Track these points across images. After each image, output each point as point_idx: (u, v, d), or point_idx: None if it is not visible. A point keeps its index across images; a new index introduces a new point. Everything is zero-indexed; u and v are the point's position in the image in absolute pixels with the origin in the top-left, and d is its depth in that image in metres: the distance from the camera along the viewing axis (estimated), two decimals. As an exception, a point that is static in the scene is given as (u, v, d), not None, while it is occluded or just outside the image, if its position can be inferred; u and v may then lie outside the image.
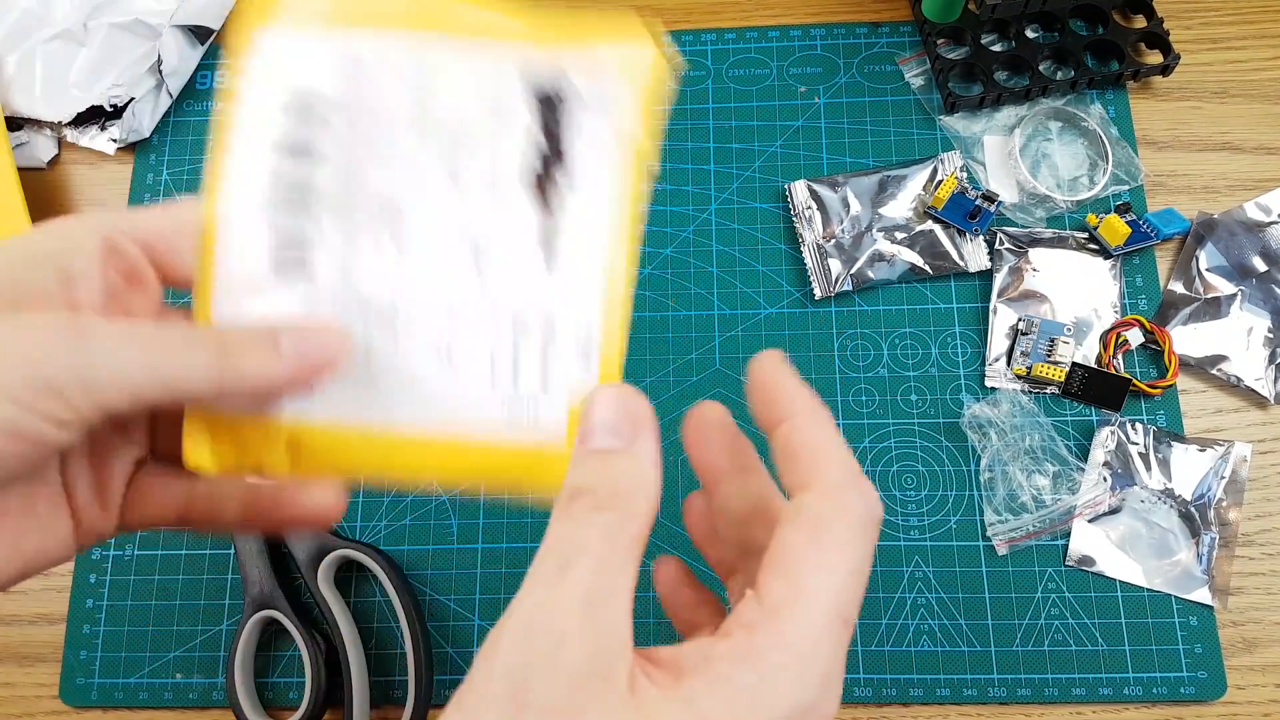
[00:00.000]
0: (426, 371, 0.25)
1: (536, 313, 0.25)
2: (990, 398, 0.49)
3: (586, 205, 0.25)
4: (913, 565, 0.48)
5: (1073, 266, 0.52)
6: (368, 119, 0.25)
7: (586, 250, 0.25)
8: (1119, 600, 0.46)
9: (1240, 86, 0.55)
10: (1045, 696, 0.45)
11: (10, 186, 0.53)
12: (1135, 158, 0.53)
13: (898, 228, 0.53)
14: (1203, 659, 0.45)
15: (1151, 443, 0.48)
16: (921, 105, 0.56)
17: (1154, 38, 0.55)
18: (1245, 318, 0.50)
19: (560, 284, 0.25)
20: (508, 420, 0.25)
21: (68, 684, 0.48)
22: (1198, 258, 0.52)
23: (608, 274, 0.25)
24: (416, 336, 0.25)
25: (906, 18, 0.58)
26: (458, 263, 0.25)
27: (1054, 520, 0.47)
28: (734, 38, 0.58)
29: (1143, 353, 0.50)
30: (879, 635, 0.47)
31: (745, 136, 0.55)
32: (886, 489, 0.49)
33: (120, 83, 0.56)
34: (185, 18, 0.57)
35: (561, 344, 0.25)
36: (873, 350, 0.51)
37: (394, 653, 0.48)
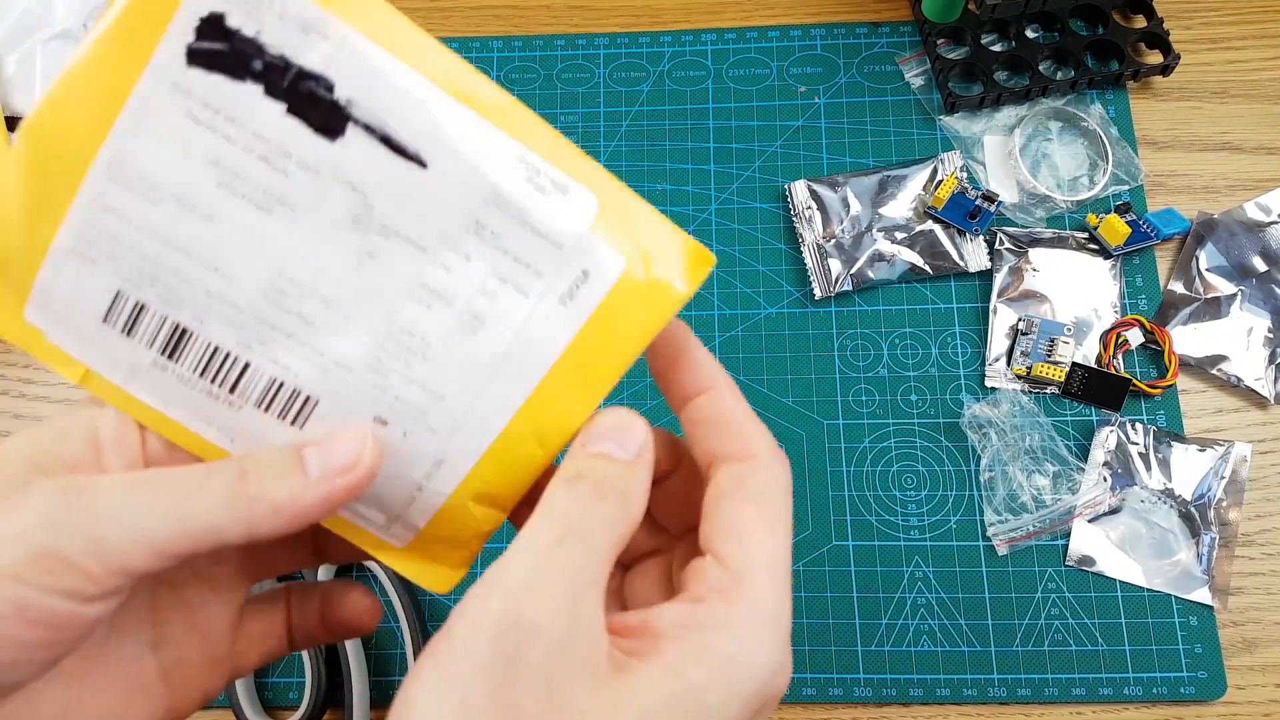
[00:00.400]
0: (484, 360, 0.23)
1: (475, 204, 0.22)
2: (990, 398, 0.49)
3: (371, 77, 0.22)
4: (913, 565, 0.48)
5: (1073, 266, 0.52)
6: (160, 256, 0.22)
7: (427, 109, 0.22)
8: (1119, 600, 0.46)
9: (1240, 86, 0.55)
10: (1045, 696, 0.45)
11: (10, 186, 0.52)
12: (1135, 158, 0.53)
13: (898, 228, 0.53)
14: (1203, 659, 0.45)
15: (1151, 443, 0.48)
16: (921, 105, 0.56)
17: (1154, 38, 0.55)
18: (1245, 318, 0.50)
19: (452, 160, 0.22)
20: (570, 304, 0.23)
21: (68, 684, 0.48)
22: (1198, 258, 0.52)
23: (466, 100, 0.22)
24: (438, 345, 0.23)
25: (906, 18, 0.58)
26: (380, 253, 0.23)
27: (1054, 520, 0.47)
28: (734, 38, 0.58)
29: (1143, 353, 0.50)
30: (879, 635, 0.47)
31: (745, 136, 0.55)
32: (886, 489, 0.49)
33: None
34: (185, 18, 0.57)
35: (521, 199, 0.22)
36: (873, 350, 0.51)
37: (394, 653, 0.48)
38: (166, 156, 0.22)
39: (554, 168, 0.23)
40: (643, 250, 0.23)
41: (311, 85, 0.21)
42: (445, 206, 0.22)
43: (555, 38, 0.58)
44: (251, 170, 0.22)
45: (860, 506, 0.49)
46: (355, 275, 0.22)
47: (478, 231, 0.22)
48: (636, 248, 0.23)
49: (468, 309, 0.23)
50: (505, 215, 0.22)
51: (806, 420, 0.50)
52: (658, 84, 0.57)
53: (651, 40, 0.58)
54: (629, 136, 0.56)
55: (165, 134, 0.21)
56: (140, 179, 0.22)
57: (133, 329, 0.23)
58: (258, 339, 0.23)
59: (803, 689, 0.46)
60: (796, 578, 0.48)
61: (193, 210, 0.22)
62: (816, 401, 0.50)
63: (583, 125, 0.56)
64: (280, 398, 0.23)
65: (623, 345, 0.24)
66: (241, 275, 0.22)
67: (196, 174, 0.22)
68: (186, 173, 0.22)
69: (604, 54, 0.58)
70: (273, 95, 0.21)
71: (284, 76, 0.21)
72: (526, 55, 0.58)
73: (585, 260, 0.23)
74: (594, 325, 0.23)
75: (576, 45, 0.58)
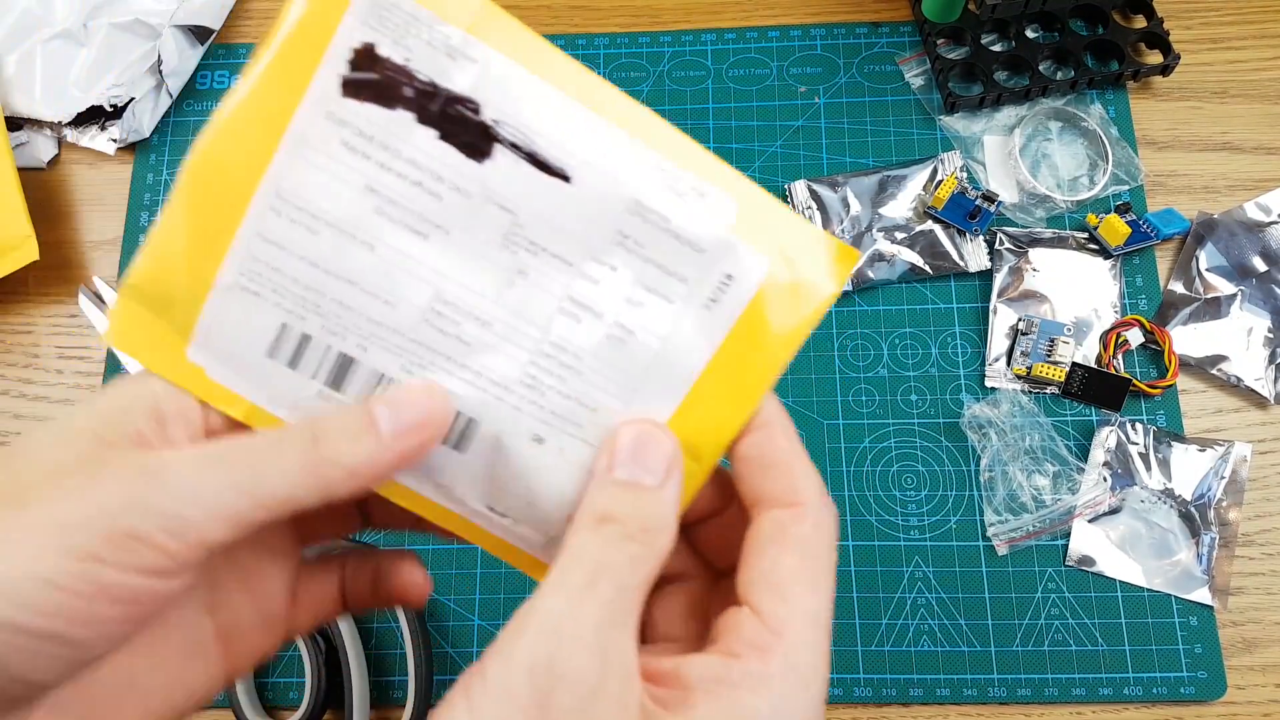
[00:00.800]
0: (632, 369, 0.24)
1: (618, 215, 0.23)
2: (990, 398, 0.49)
3: (516, 96, 0.22)
4: (913, 565, 0.48)
5: (1073, 266, 0.52)
6: (321, 285, 0.23)
7: (568, 124, 0.22)
8: (1119, 600, 0.46)
9: (1240, 86, 0.55)
10: (1045, 696, 0.45)
11: (10, 186, 0.53)
12: (1135, 158, 0.53)
13: (898, 228, 0.53)
14: (1203, 659, 0.45)
15: (1151, 443, 0.48)
16: (921, 105, 0.56)
17: (1154, 38, 0.55)
18: (1245, 318, 0.50)
19: (594, 173, 0.22)
20: (715, 309, 0.23)
21: (68, 684, 0.48)
22: (1198, 258, 0.52)
23: (604, 112, 0.22)
24: (589, 358, 0.23)
25: (906, 18, 0.58)
26: (530, 270, 0.23)
27: (1054, 520, 0.47)
28: (734, 38, 0.58)
29: (1143, 353, 0.50)
30: (879, 635, 0.47)
31: (745, 136, 0.55)
32: (886, 489, 0.49)
33: (120, 83, 0.56)
34: (185, 18, 0.57)
35: (662, 207, 0.23)
36: (873, 350, 0.51)
37: (394, 653, 0.48)
38: (325, 186, 0.22)
39: (691, 174, 0.23)
40: (785, 251, 0.23)
41: (460, 108, 0.22)
42: (590, 219, 0.22)
43: (555, 38, 0.58)
44: (407, 196, 0.22)
45: (860, 506, 0.49)
46: (508, 293, 0.23)
47: (622, 242, 0.23)
48: (779, 248, 0.23)
49: (616, 320, 0.23)
50: (647, 224, 0.23)
51: (806, 420, 0.50)
52: (658, 84, 0.57)
53: (651, 40, 0.58)
54: (629, 136, 0.56)
55: (323, 164, 0.22)
56: (300, 210, 0.22)
57: (298, 361, 0.23)
58: (419, 363, 0.23)
59: (803, 689, 0.46)
60: (796, 578, 0.48)
61: (353, 238, 0.22)
62: (816, 401, 0.50)
63: (583, 125, 0.56)
64: None
65: (773, 349, 0.23)
66: (402, 300, 0.23)
67: (355, 202, 0.22)
68: (345, 201, 0.22)
69: (604, 54, 0.58)
70: (424, 121, 0.22)
71: (434, 101, 0.22)
72: (526, 55, 0.58)
73: (728, 263, 0.23)
74: (741, 330, 0.23)
75: (576, 45, 0.58)
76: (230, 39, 0.59)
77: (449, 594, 0.48)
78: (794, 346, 0.24)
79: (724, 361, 0.23)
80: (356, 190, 0.22)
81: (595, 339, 0.23)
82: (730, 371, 0.23)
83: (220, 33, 0.59)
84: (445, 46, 0.22)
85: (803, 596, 0.21)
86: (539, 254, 0.23)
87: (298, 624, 0.27)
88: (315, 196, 0.22)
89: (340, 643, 0.46)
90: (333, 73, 0.22)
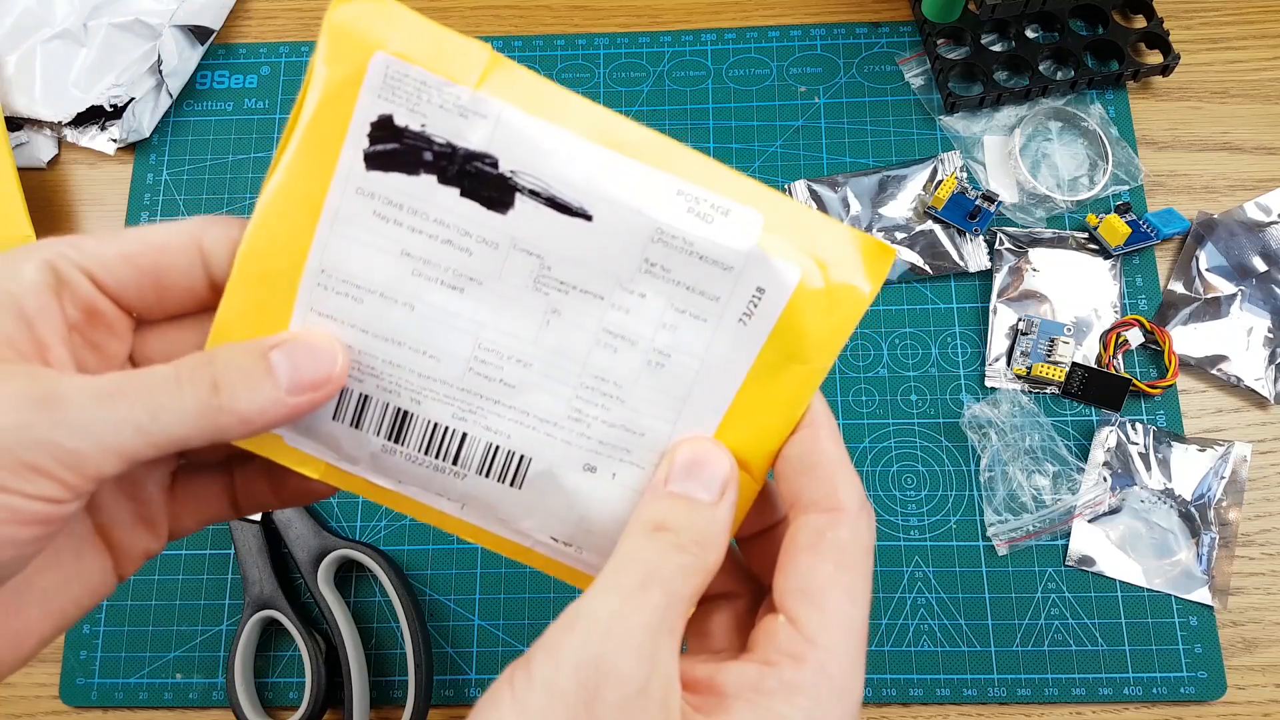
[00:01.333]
0: (673, 392, 0.24)
1: (643, 244, 0.23)
2: (990, 398, 0.49)
3: (528, 143, 0.23)
4: (913, 565, 0.48)
5: (1073, 266, 0.52)
6: (372, 349, 0.24)
7: (582, 163, 0.23)
8: (1119, 600, 0.46)
9: (1240, 86, 0.55)
10: (1045, 696, 0.45)
11: (10, 187, 0.52)
12: (1135, 158, 0.53)
13: (898, 228, 0.53)
14: (1203, 659, 0.45)
15: (1151, 443, 0.48)
16: (921, 105, 0.56)
17: (1154, 38, 0.55)
18: (1245, 318, 0.50)
19: (614, 208, 0.23)
20: (749, 325, 0.24)
21: (68, 684, 0.48)
22: (1198, 258, 0.52)
23: (616, 146, 0.23)
24: (630, 386, 0.24)
25: (906, 18, 0.58)
26: (563, 309, 0.24)
27: (1054, 520, 0.47)
28: (734, 38, 0.58)
29: (1143, 353, 0.50)
30: (879, 635, 0.47)
31: (745, 136, 0.55)
32: (886, 489, 0.49)
33: (120, 83, 0.56)
34: (185, 18, 0.57)
35: (686, 231, 0.23)
36: (873, 350, 0.51)
37: (394, 653, 0.48)
38: (364, 257, 0.23)
39: (711, 193, 0.23)
40: (817, 257, 0.23)
41: (478, 164, 0.23)
42: (615, 252, 0.23)
43: (555, 38, 0.58)
44: (439, 255, 0.23)
45: (860, 506, 0.49)
46: (545, 333, 0.24)
47: (649, 269, 0.23)
48: (810, 255, 0.23)
49: (652, 345, 0.24)
50: (672, 249, 0.23)
51: (806, 420, 0.50)
52: (658, 84, 0.57)
53: (651, 40, 0.58)
54: (629, 136, 0.56)
55: (359, 237, 0.23)
56: (344, 281, 0.23)
57: (360, 421, 0.24)
58: (469, 410, 0.24)
59: (803, 689, 0.46)
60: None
61: (394, 301, 0.23)
62: (816, 401, 0.50)
63: (583, 125, 0.56)
64: (498, 462, 0.25)
65: (812, 355, 0.24)
66: (446, 353, 0.24)
67: (392, 268, 0.23)
68: (384, 268, 0.23)
69: (604, 54, 0.58)
70: (446, 182, 0.23)
71: (452, 161, 0.23)
72: (526, 55, 0.58)
73: (758, 277, 0.23)
74: (777, 340, 0.24)
75: (576, 45, 0.58)
76: (230, 39, 0.59)
77: (449, 594, 0.48)
78: (834, 351, 0.24)
79: (763, 374, 0.24)
80: (393, 256, 0.23)
81: (634, 366, 0.24)
82: (771, 383, 0.24)
83: (220, 33, 0.59)
84: (457, 107, 0.22)
85: (838, 604, 0.22)
86: (570, 292, 0.23)
87: (181, 525, 0.27)
88: (356, 268, 0.23)
89: (340, 643, 0.46)
90: (356, 149, 0.23)
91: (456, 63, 0.22)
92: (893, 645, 0.46)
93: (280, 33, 0.59)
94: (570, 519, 0.25)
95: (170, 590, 0.49)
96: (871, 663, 0.46)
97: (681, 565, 0.22)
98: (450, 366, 0.24)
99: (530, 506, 0.25)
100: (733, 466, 0.23)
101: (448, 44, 0.23)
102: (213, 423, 0.21)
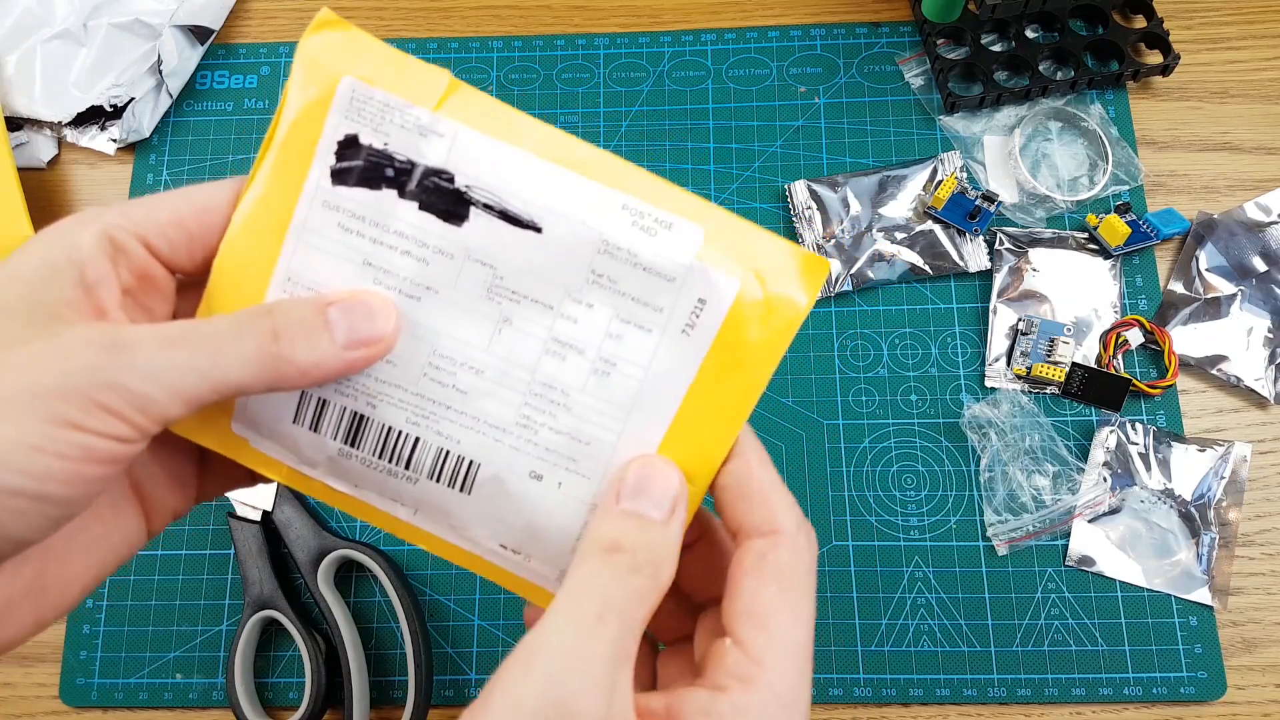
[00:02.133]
0: (619, 400, 0.25)
1: (590, 257, 0.24)
2: (990, 398, 0.49)
3: (483, 160, 0.24)
4: (913, 565, 0.48)
5: (1073, 266, 0.52)
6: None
7: (533, 179, 0.24)
8: (1119, 600, 0.46)
9: (1240, 86, 0.55)
10: (1045, 696, 0.45)
11: (10, 186, 0.52)
12: (1135, 158, 0.53)
13: (898, 228, 0.53)
14: (1203, 659, 0.45)
15: (1151, 443, 0.48)
16: (921, 105, 0.56)
17: (1154, 38, 0.55)
18: (1245, 318, 0.50)
19: (563, 221, 0.24)
20: (691, 334, 0.24)
21: (68, 684, 0.48)
22: (1198, 258, 0.52)
23: (565, 162, 0.24)
24: (577, 394, 0.25)
25: (906, 18, 0.58)
26: (515, 318, 0.25)
27: (1054, 520, 0.47)
28: (734, 38, 0.58)
29: (1143, 353, 0.50)
30: (879, 635, 0.47)
31: (745, 136, 0.55)
32: (886, 489, 0.49)
33: (120, 83, 0.56)
34: (185, 18, 0.57)
35: (630, 244, 0.24)
36: (873, 350, 0.51)
37: (394, 653, 0.48)
38: (328, 265, 0.24)
39: (655, 208, 0.24)
40: (756, 270, 0.24)
41: (436, 180, 0.24)
42: (564, 264, 0.24)
43: (555, 38, 0.58)
44: (398, 265, 0.24)
45: (860, 506, 0.49)
46: (497, 341, 0.25)
47: (596, 280, 0.24)
48: (749, 268, 0.24)
49: (598, 354, 0.24)
50: (617, 260, 0.24)
51: (806, 420, 0.50)
52: (658, 84, 0.57)
53: (651, 40, 0.58)
54: (629, 136, 0.56)
55: (324, 247, 0.24)
56: (309, 289, 0.25)
57: (318, 424, 0.25)
58: (422, 415, 0.25)
59: (803, 689, 0.46)
60: (796, 578, 0.48)
61: None
62: (816, 401, 0.50)
63: (583, 125, 0.56)
64: (448, 467, 0.25)
65: (753, 366, 0.24)
66: (402, 359, 0.25)
67: (354, 276, 0.24)
68: (347, 277, 0.24)
69: (604, 54, 0.58)
70: (405, 196, 0.24)
71: (412, 177, 0.24)
72: (526, 55, 0.58)
73: (699, 289, 0.24)
74: (718, 351, 0.24)
75: (576, 45, 0.58)
76: (230, 39, 0.59)
77: (449, 594, 0.48)
78: (772, 362, 0.24)
79: (706, 384, 0.24)
80: (355, 265, 0.24)
81: (581, 375, 0.25)
82: (713, 393, 0.24)
83: (220, 33, 0.59)
84: (417, 126, 0.24)
85: (783, 625, 0.22)
86: (521, 301, 0.24)
87: (207, 489, 0.28)
88: (320, 276, 0.24)
89: (340, 643, 0.46)
90: (324, 165, 0.24)
91: (417, 87, 0.24)
92: (893, 645, 0.46)
93: (280, 33, 0.59)
94: (518, 525, 0.26)
95: (170, 590, 0.49)
96: (871, 663, 0.46)
97: (636, 589, 0.22)
98: (405, 372, 0.25)
99: (480, 513, 0.26)
100: (682, 483, 0.24)
101: (410, 70, 0.24)
102: (272, 370, 0.22)
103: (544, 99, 0.57)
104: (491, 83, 0.57)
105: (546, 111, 0.57)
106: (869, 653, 0.46)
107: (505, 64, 0.58)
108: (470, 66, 0.58)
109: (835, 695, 0.46)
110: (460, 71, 0.58)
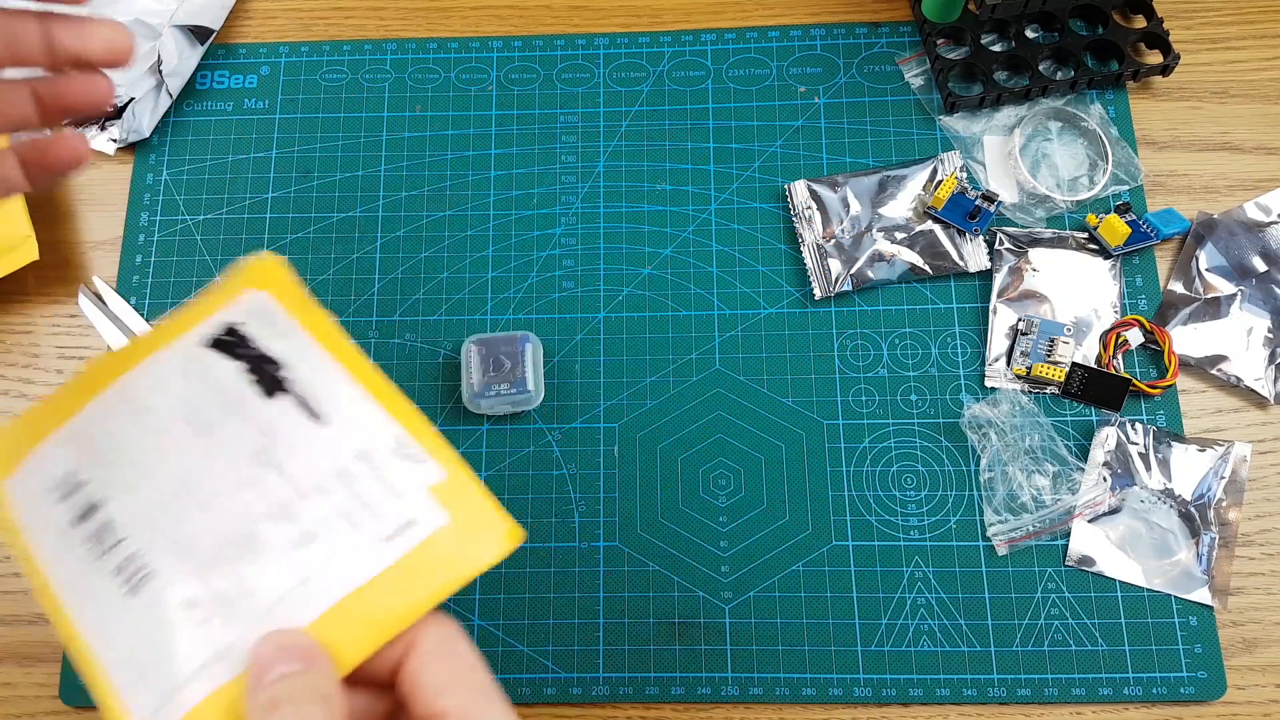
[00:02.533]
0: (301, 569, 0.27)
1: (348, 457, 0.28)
2: (990, 398, 0.49)
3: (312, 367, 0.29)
4: (913, 565, 0.48)
5: (1073, 266, 0.52)
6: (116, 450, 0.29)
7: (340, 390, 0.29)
8: (1119, 600, 0.46)
9: (1240, 86, 0.55)
10: (1045, 696, 0.45)
11: (10, 186, 0.52)
12: (1135, 158, 0.54)
13: (898, 228, 0.53)
14: (1203, 659, 0.45)
15: (1151, 443, 0.48)
16: (921, 105, 0.56)
17: (1154, 38, 0.55)
18: (1245, 318, 0.50)
19: (344, 425, 0.29)
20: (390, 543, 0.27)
21: (68, 684, 0.48)
22: (1198, 258, 0.52)
23: (371, 390, 0.29)
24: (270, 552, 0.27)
25: (906, 18, 0.58)
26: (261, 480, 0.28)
27: (1054, 520, 0.47)
28: (734, 38, 0.58)
29: (1143, 353, 0.50)
30: (879, 635, 0.47)
31: (745, 136, 0.55)
32: (886, 489, 0.49)
33: (120, 83, 0.56)
34: (185, 18, 0.57)
35: (384, 460, 0.28)
36: (873, 350, 0.51)
37: (394, 653, 0.48)
38: (160, 388, 0.29)
39: (417, 443, 0.29)
40: (468, 519, 0.28)
41: (268, 366, 0.29)
42: (327, 455, 0.28)
43: (555, 38, 0.58)
44: (203, 404, 0.29)
45: (860, 506, 0.49)
46: (235, 492, 0.28)
47: (341, 476, 0.28)
48: (463, 516, 0.28)
49: (306, 529, 0.27)
50: (367, 468, 0.28)
51: (806, 420, 0.50)
52: (658, 84, 0.57)
53: (651, 40, 0.58)
54: (629, 136, 0.56)
55: (165, 375, 0.30)
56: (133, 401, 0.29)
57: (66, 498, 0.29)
58: (146, 513, 0.28)
59: (803, 689, 0.46)
60: (797, 578, 0.48)
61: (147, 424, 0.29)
62: (816, 401, 0.50)
63: (582, 125, 0.56)
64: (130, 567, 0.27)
65: (425, 589, 0.27)
66: (158, 472, 0.28)
67: (171, 403, 0.29)
68: (169, 395, 0.29)
69: (604, 54, 0.58)
70: (241, 362, 0.30)
71: (255, 356, 0.30)
72: (526, 55, 0.58)
73: (415, 511, 0.28)
74: (404, 566, 0.27)
75: (576, 45, 0.58)
76: (230, 39, 0.59)
77: (449, 594, 0.48)
78: (442, 594, 0.27)
79: (383, 585, 0.27)
80: (177, 399, 0.29)
81: (282, 539, 0.27)
82: (384, 597, 0.27)
83: (220, 33, 0.59)
84: (278, 329, 0.30)
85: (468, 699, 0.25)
86: (274, 471, 0.28)
87: None
88: (151, 395, 0.29)
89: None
90: (206, 331, 0.30)
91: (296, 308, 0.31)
92: (893, 645, 0.46)
93: (280, 33, 0.59)
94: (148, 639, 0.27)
95: (170, 590, 0.49)
96: (871, 663, 0.46)
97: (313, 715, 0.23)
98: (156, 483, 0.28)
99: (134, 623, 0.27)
100: (309, 640, 0.25)
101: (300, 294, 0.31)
102: None
103: (544, 99, 0.57)
104: (491, 83, 0.57)
105: (547, 111, 0.57)
106: (869, 653, 0.46)
107: (505, 64, 0.58)
108: (470, 66, 0.58)
109: (835, 695, 0.46)
110: (460, 71, 0.58)
